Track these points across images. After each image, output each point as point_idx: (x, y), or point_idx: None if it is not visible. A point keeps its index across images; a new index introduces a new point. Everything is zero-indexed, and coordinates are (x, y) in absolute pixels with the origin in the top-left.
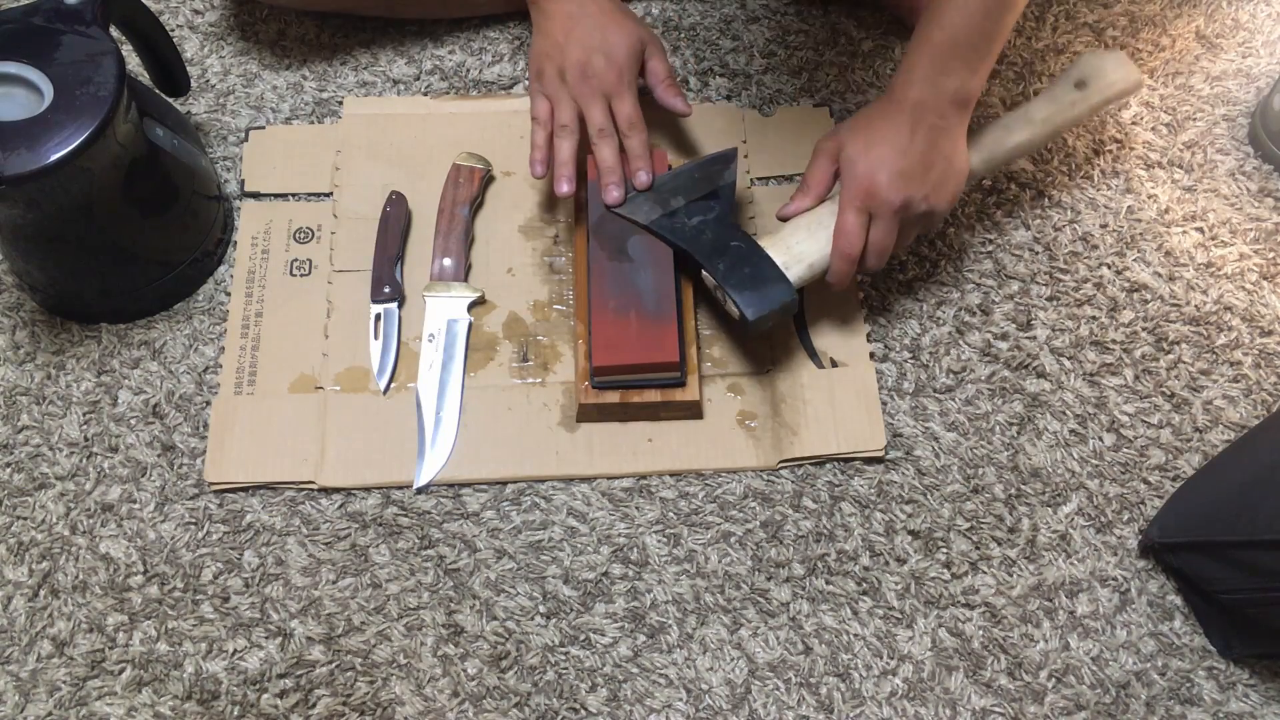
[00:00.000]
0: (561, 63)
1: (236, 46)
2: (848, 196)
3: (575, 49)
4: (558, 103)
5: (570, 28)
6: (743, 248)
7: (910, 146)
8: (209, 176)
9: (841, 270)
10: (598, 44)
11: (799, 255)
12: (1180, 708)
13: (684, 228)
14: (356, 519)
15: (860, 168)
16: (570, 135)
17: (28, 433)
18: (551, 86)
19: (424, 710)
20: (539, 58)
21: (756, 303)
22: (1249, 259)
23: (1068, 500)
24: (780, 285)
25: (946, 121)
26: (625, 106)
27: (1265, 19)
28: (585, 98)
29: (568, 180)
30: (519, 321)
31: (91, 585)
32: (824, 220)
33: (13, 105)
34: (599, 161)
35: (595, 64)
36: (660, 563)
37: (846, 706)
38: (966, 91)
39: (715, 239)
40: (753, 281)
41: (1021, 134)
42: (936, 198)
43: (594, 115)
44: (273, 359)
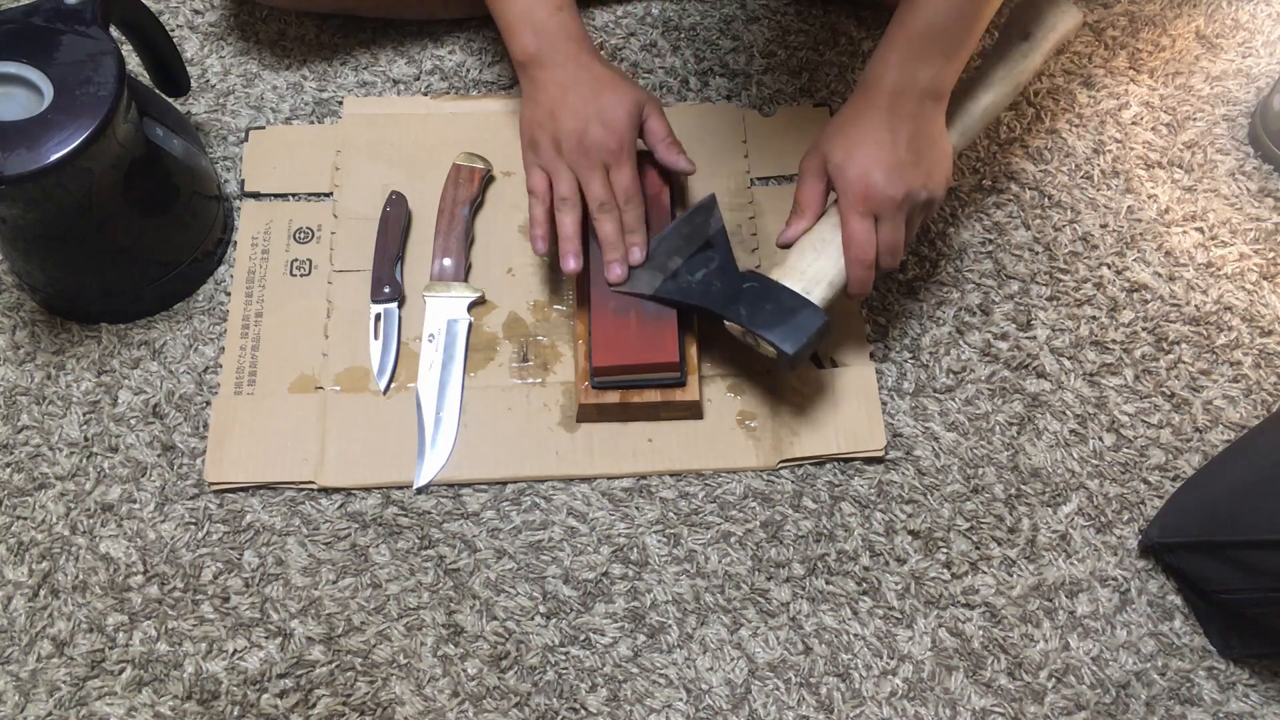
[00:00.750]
0: (556, 133)
1: (236, 46)
2: (848, 204)
3: (570, 119)
4: (555, 175)
5: (563, 96)
6: (757, 287)
7: (896, 139)
8: (209, 176)
9: (860, 278)
10: (594, 112)
11: (815, 277)
12: (1180, 708)
13: (691, 286)
14: (356, 519)
15: (852, 173)
16: (572, 209)
17: (28, 433)
18: (547, 158)
19: (424, 710)
20: (531, 127)
21: (792, 336)
22: (1249, 259)
23: (1068, 500)
24: (807, 311)
25: (924, 109)
26: (624, 178)
27: (1265, 19)
28: (584, 169)
29: (574, 256)
30: (519, 321)
31: (91, 585)
32: (827, 236)
33: (13, 105)
34: (601, 238)
35: (593, 134)
36: (660, 563)
37: (846, 706)
38: (941, 82)
39: (726, 287)
40: (779, 315)
41: (986, 98)
42: (933, 183)
43: (594, 189)
44: (273, 359)
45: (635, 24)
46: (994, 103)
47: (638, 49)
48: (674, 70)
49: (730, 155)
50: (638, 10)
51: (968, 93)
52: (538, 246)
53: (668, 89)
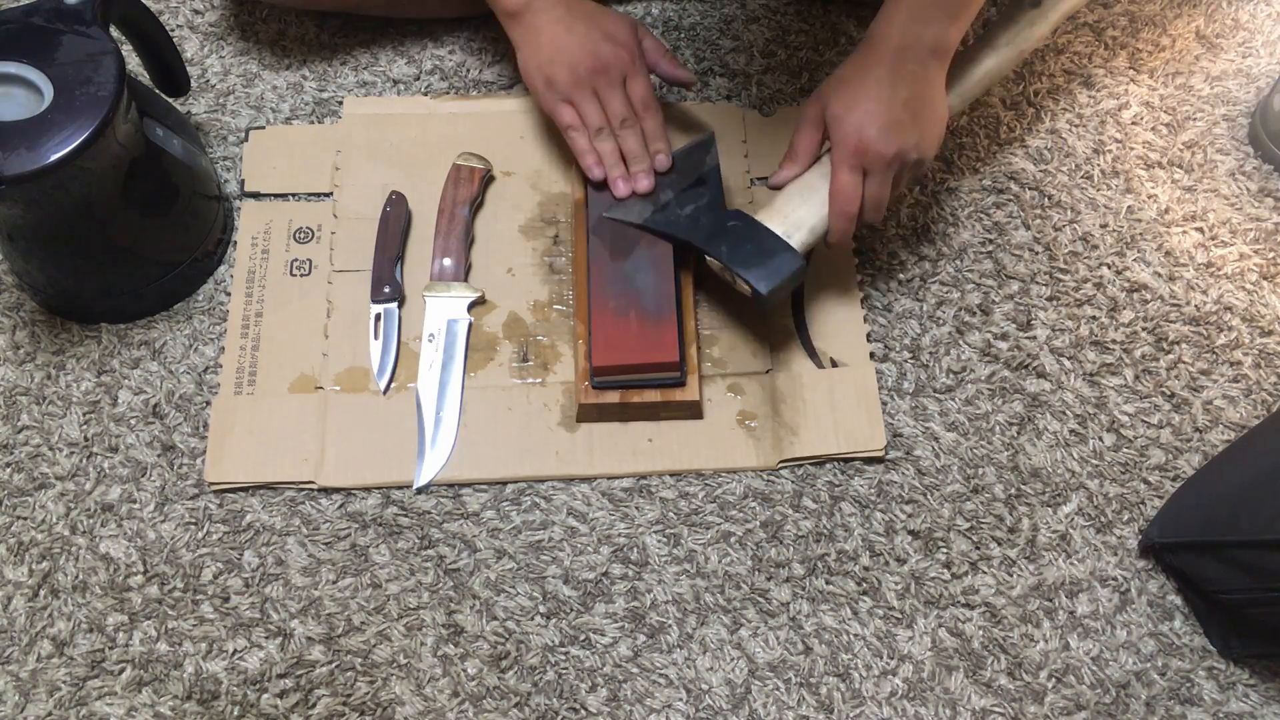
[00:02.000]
0: (569, 62)
1: (236, 46)
2: (840, 155)
3: (577, 46)
4: (581, 104)
5: (565, 30)
6: (741, 226)
7: (894, 97)
8: (209, 176)
9: (842, 229)
10: (599, 34)
11: (798, 222)
12: (1180, 708)
13: (679, 218)
14: (356, 519)
15: (848, 125)
16: (609, 135)
17: (28, 433)
18: (567, 88)
19: (424, 710)
20: (541, 68)
21: (767, 276)
22: (1249, 259)
23: (1068, 500)
24: (786, 254)
25: (926, 69)
26: (640, 87)
27: (1265, 19)
28: (603, 86)
29: (623, 180)
30: (519, 321)
31: (91, 585)
32: (815, 184)
33: (13, 105)
34: (626, 151)
35: (604, 51)
36: (660, 563)
37: (846, 706)
38: (946, 40)
39: (712, 223)
40: (759, 256)
41: (989, 61)
42: (925, 145)
43: (614, 105)
44: (273, 359)
45: None
46: (995, 67)
47: None
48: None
49: (730, 155)
50: (638, 10)
51: (969, 55)
52: (594, 173)
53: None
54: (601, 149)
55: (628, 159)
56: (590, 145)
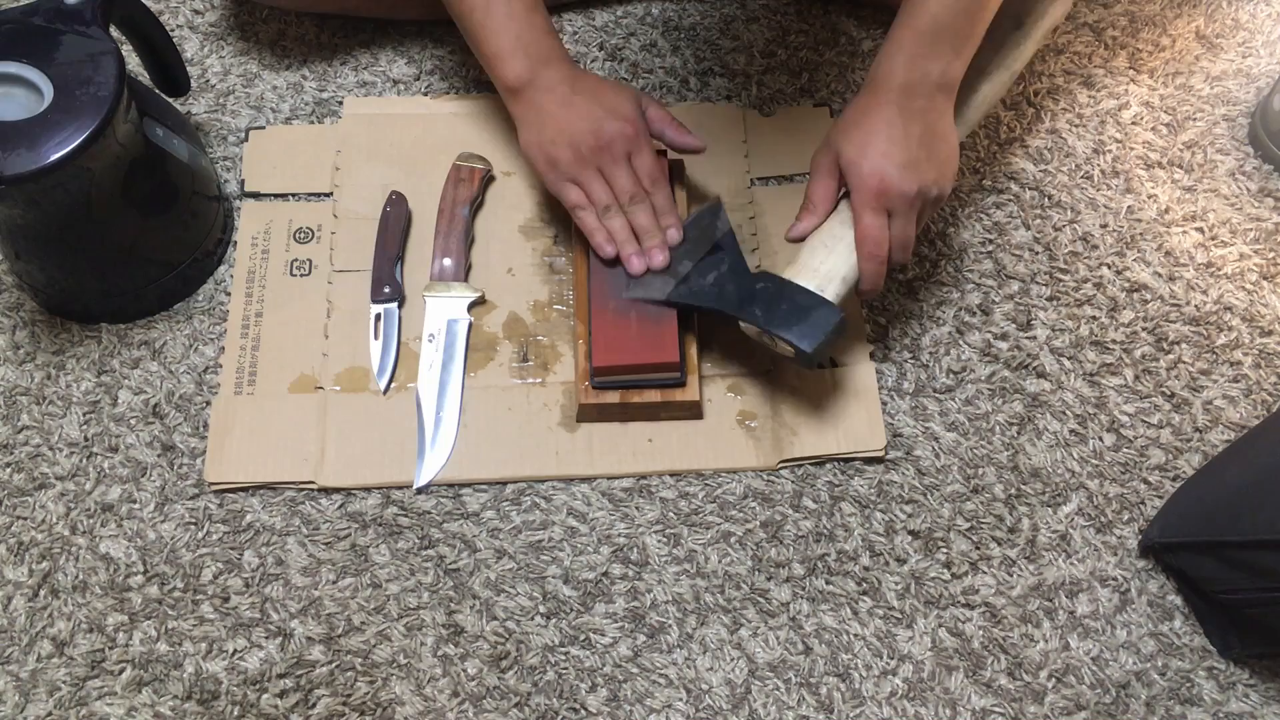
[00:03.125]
0: (572, 141)
1: (236, 46)
2: (861, 200)
3: (581, 123)
4: (587, 183)
5: (567, 108)
6: (770, 287)
7: (907, 135)
8: (209, 176)
9: (874, 273)
10: (602, 111)
11: (828, 274)
12: (1180, 708)
13: (703, 289)
14: (356, 519)
15: (865, 168)
16: (618, 212)
17: (28, 433)
18: (572, 169)
19: (424, 710)
20: (544, 147)
21: (809, 334)
22: (1249, 259)
23: (1068, 500)
24: (824, 309)
25: (934, 103)
26: (646, 162)
27: (1265, 19)
28: (608, 164)
29: (637, 256)
30: (519, 321)
31: (91, 585)
32: (837, 232)
33: (13, 105)
34: (637, 227)
35: (608, 128)
36: (660, 563)
37: (846, 706)
38: (951, 75)
39: (739, 288)
40: (795, 315)
41: (984, 88)
42: (944, 179)
43: (621, 182)
44: (273, 359)
45: (635, 24)
46: (992, 92)
47: (638, 49)
48: (674, 70)
49: (730, 155)
50: (638, 10)
51: (966, 84)
52: (605, 251)
53: (668, 89)
54: (611, 226)
55: (639, 235)
56: (599, 224)
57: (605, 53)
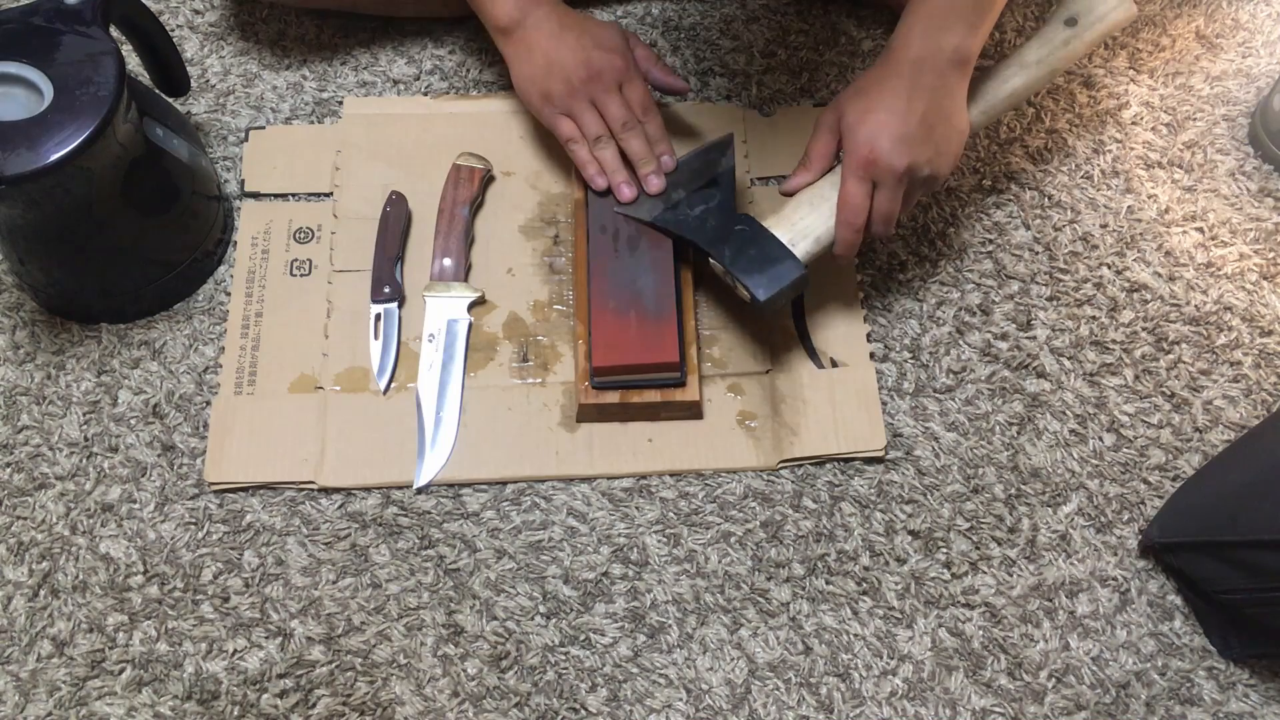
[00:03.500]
0: (564, 74)
1: (236, 46)
2: (850, 165)
3: (572, 56)
4: (579, 114)
5: (557, 43)
6: (747, 231)
7: (910, 110)
8: (209, 176)
9: (847, 240)
10: (591, 44)
11: (804, 230)
12: (1180, 708)
13: (687, 219)
14: (356, 519)
15: (861, 135)
16: (609, 143)
17: (28, 433)
18: (564, 101)
19: (424, 710)
20: (536, 81)
21: (766, 283)
22: (1249, 259)
23: (1068, 500)
24: (788, 263)
25: (946, 81)
26: (637, 92)
27: (1265, 19)
28: (600, 94)
29: (627, 185)
30: (519, 321)
31: (91, 585)
32: (826, 193)
33: (13, 105)
34: (631, 154)
35: (598, 60)
36: (660, 563)
37: (846, 706)
38: (966, 50)
39: (719, 225)
40: (760, 263)
41: (1017, 79)
42: (939, 161)
43: (614, 111)
44: (273, 359)
45: (635, 24)
46: (1024, 85)
47: None
48: (674, 70)
49: None
50: (638, 10)
51: (997, 72)
52: (597, 183)
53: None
54: (602, 157)
55: (634, 162)
56: (591, 156)
57: None
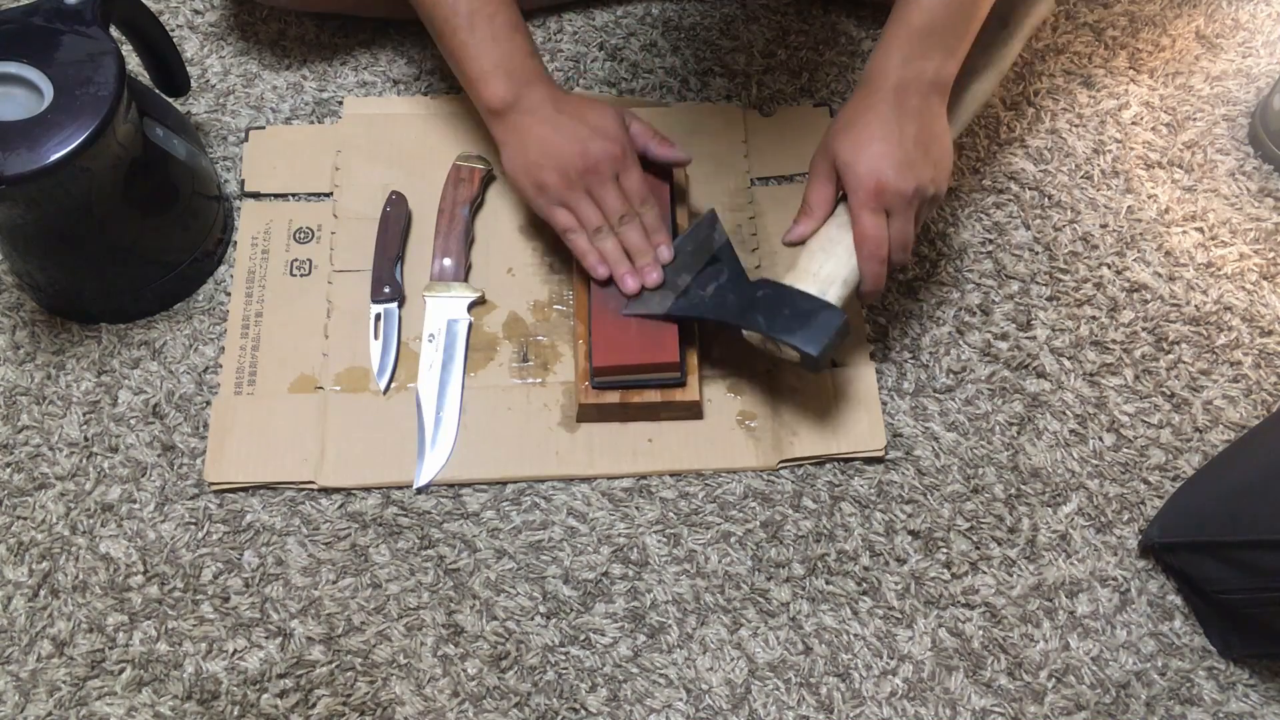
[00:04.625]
0: (559, 164)
1: (236, 46)
2: (859, 200)
3: (567, 145)
4: (576, 205)
5: (552, 130)
6: (771, 294)
7: (903, 134)
8: (209, 176)
9: (875, 274)
10: (587, 131)
11: (828, 278)
12: (1180, 708)
13: (704, 300)
14: (356, 519)
15: (862, 169)
16: (608, 233)
17: (28, 433)
18: (559, 192)
19: (424, 710)
20: (529, 171)
21: (814, 338)
22: (1249, 259)
23: (1068, 500)
24: (826, 312)
25: (929, 103)
26: (634, 180)
27: (1265, 19)
28: (596, 185)
29: (632, 275)
30: (519, 321)
31: (91, 585)
32: (836, 236)
33: (13, 105)
34: (629, 246)
35: (594, 149)
36: (660, 563)
37: (846, 706)
38: (944, 75)
39: (739, 297)
40: (798, 320)
41: (975, 87)
42: (940, 177)
43: (611, 203)
44: (273, 359)
45: (635, 24)
46: (982, 91)
47: (638, 49)
48: (674, 70)
49: (730, 155)
50: (638, 10)
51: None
52: (599, 273)
53: (668, 89)
54: (603, 248)
55: (632, 254)
56: (591, 245)
57: (605, 53)
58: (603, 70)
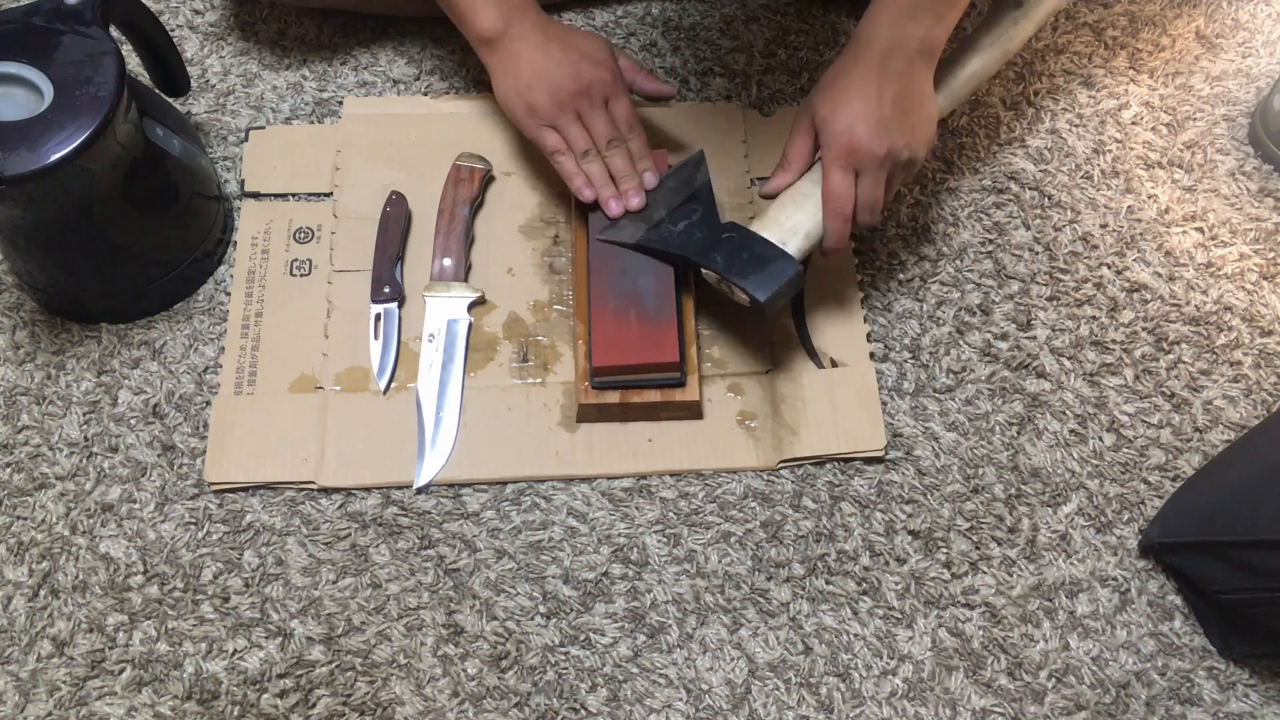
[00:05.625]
0: (550, 86)
1: (236, 46)
2: (830, 156)
3: (558, 69)
4: (565, 128)
5: (542, 56)
6: (735, 236)
7: (882, 96)
8: (209, 176)
9: (837, 231)
10: (577, 56)
11: (792, 229)
12: (1180, 708)
13: (672, 235)
14: (356, 519)
15: (837, 126)
16: (596, 157)
17: (28, 433)
18: (549, 113)
19: (424, 710)
20: (521, 94)
21: (764, 283)
22: (1249, 259)
23: (1068, 500)
24: (782, 261)
25: (914, 68)
26: (623, 107)
27: (1265, 19)
28: (586, 109)
29: (615, 199)
30: (519, 321)
31: (91, 585)
32: (808, 190)
33: (13, 105)
34: (614, 171)
35: (585, 73)
36: (660, 563)
37: (846, 706)
38: (933, 40)
39: (706, 236)
40: (754, 264)
41: (974, 62)
42: (916, 144)
43: (600, 127)
44: (273, 359)
45: (635, 24)
46: (981, 68)
47: (638, 49)
48: (674, 70)
49: (730, 155)
50: (638, 10)
51: (955, 57)
52: (584, 195)
53: None
54: (589, 170)
55: (616, 178)
56: (578, 168)
57: None
58: None
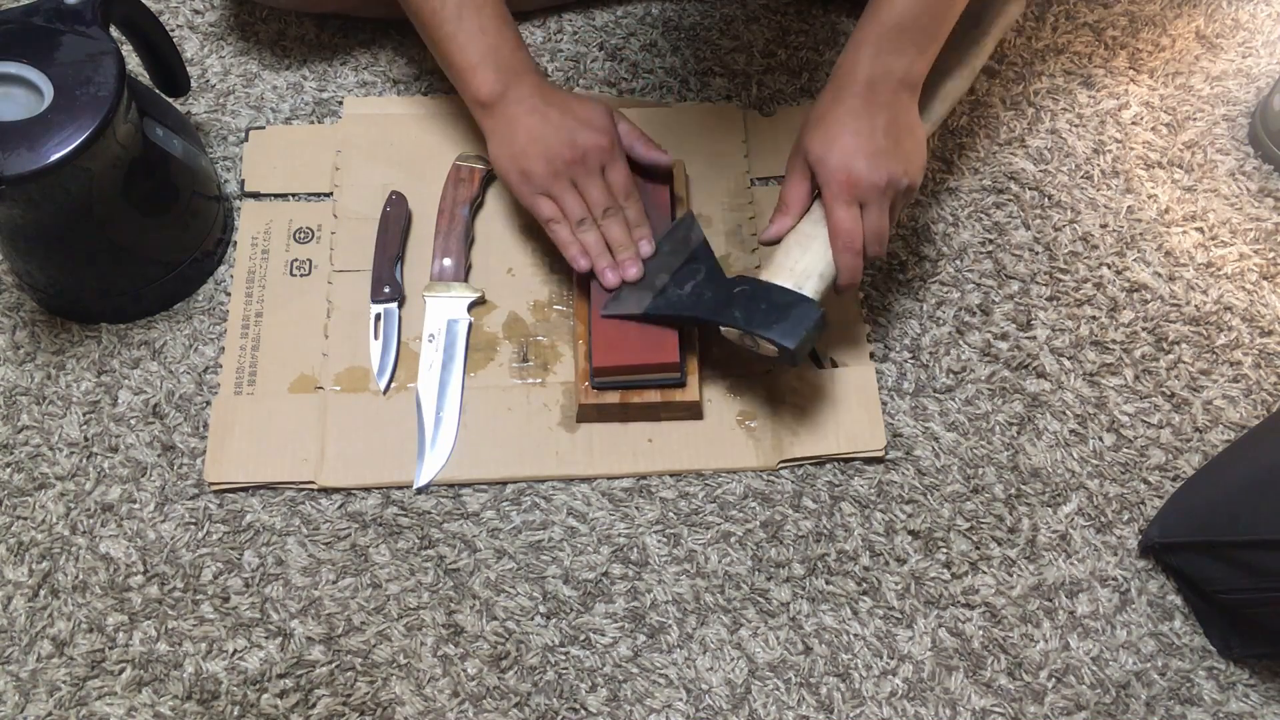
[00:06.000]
0: (546, 153)
1: (236, 46)
2: (832, 194)
3: (555, 135)
4: (560, 196)
5: (540, 121)
6: (748, 289)
7: (874, 127)
8: (209, 176)
9: (850, 266)
10: (575, 123)
11: (804, 272)
12: (1180, 708)
13: (681, 299)
14: (356, 519)
15: (834, 162)
16: (592, 225)
17: (28, 433)
18: (544, 181)
19: (424, 710)
20: (516, 160)
21: (791, 331)
22: (1249, 259)
23: (1068, 500)
24: (803, 305)
25: (899, 98)
26: (620, 175)
27: (1265, 19)
28: (582, 177)
29: (611, 270)
30: (519, 321)
31: (91, 585)
32: (812, 231)
33: (13, 105)
34: (610, 240)
35: (582, 140)
36: (660, 563)
37: (846, 706)
38: (915, 73)
39: (716, 294)
40: (775, 313)
41: (947, 85)
42: (912, 169)
43: (595, 194)
44: (273, 359)
45: (635, 24)
46: (954, 88)
47: (638, 49)
48: (674, 70)
49: (730, 155)
50: (638, 10)
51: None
52: (580, 264)
53: (668, 89)
54: (585, 240)
55: (613, 248)
56: (574, 237)
57: (605, 53)
58: (603, 70)
